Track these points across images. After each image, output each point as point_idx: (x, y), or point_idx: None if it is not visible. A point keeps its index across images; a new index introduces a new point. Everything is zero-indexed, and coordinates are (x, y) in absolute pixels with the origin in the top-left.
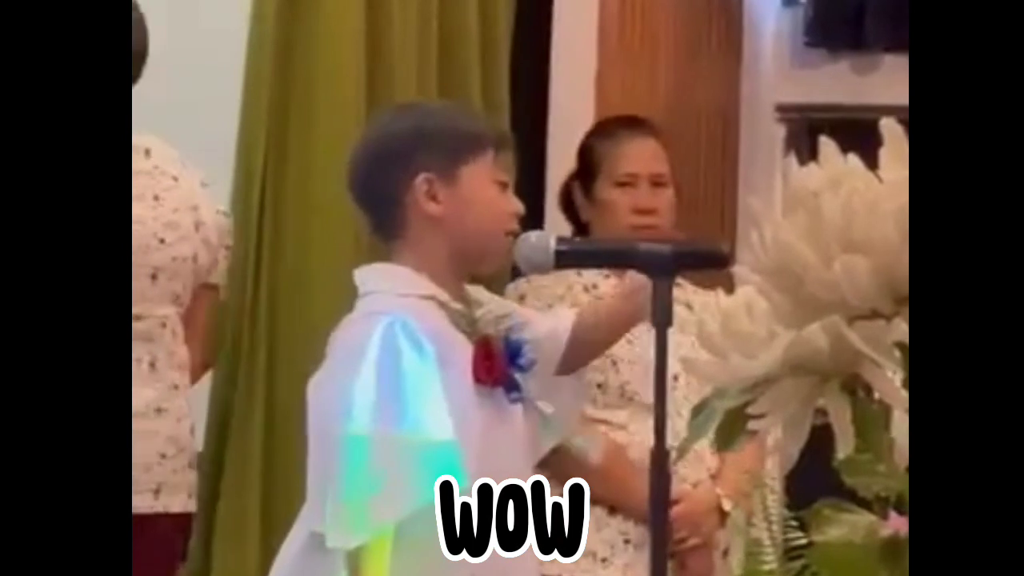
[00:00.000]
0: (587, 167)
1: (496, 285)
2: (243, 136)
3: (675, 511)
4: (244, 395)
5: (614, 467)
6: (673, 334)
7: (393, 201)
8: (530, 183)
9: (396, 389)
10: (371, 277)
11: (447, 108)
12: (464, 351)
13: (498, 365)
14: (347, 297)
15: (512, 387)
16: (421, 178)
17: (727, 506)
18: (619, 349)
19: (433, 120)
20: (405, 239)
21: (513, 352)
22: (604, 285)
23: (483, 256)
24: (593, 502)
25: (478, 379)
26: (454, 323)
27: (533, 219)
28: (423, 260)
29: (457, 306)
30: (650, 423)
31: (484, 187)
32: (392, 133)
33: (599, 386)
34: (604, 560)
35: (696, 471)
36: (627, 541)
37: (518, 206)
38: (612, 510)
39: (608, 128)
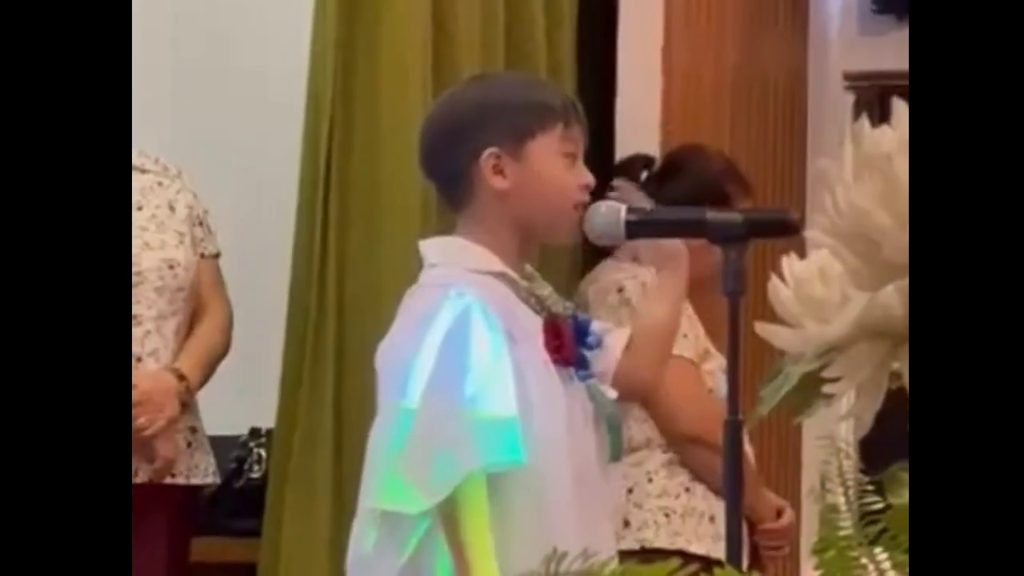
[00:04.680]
0: (724, 195)
1: (564, 256)
2: (309, 112)
3: (785, 521)
4: (314, 365)
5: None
6: None
7: (460, 176)
8: (598, 157)
9: (459, 364)
10: (439, 250)
11: (515, 80)
12: (536, 328)
13: (567, 344)
14: (414, 266)
15: (581, 365)
16: (488, 153)
17: None
18: None
19: (500, 94)
20: (472, 213)
21: (580, 331)
22: None
23: (551, 229)
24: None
25: (549, 357)
26: (523, 301)
27: (601, 192)
28: (489, 234)
29: (524, 284)
30: None
31: (552, 161)
32: (460, 107)
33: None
34: None
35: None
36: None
37: (588, 178)
38: None
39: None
